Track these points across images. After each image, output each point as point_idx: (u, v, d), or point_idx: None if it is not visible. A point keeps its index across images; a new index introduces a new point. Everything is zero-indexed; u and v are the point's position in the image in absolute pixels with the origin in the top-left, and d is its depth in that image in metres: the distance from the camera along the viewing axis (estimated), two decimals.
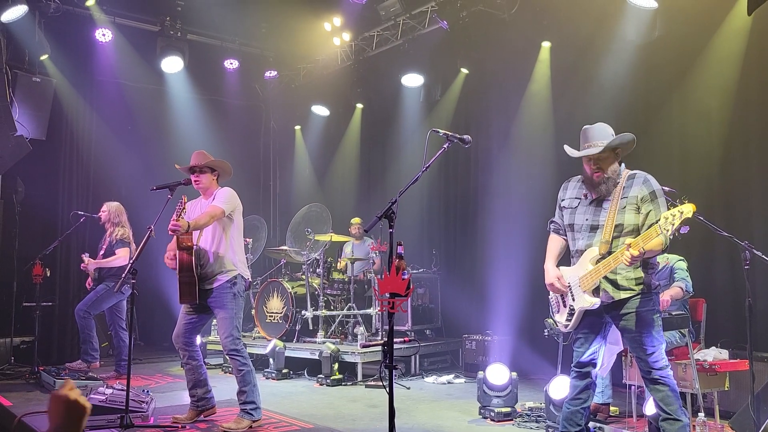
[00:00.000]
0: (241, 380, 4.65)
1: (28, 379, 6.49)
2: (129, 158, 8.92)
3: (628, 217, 3.55)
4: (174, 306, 8.91)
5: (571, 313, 3.73)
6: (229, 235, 4.75)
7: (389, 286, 2.85)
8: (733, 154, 5.75)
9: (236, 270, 4.73)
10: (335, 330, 7.65)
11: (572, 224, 3.76)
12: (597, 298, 3.59)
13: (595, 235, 3.63)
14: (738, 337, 5.09)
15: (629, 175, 3.64)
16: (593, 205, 3.68)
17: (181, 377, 6.92)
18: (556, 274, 3.77)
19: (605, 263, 3.52)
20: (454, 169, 8.64)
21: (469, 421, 4.93)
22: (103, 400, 4.62)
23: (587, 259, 3.63)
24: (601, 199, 3.65)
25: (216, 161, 4.90)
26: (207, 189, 4.87)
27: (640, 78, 6.46)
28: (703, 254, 5.68)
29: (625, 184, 3.61)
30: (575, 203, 3.77)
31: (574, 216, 3.76)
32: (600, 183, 3.60)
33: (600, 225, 3.62)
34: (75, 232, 7.60)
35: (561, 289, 3.74)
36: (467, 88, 8.40)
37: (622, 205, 3.57)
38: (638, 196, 3.54)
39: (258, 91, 10.91)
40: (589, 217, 3.67)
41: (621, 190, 3.59)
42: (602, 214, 3.63)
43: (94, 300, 6.69)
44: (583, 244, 3.68)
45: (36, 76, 7.80)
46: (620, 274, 3.55)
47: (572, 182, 3.89)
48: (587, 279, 3.60)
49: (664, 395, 3.47)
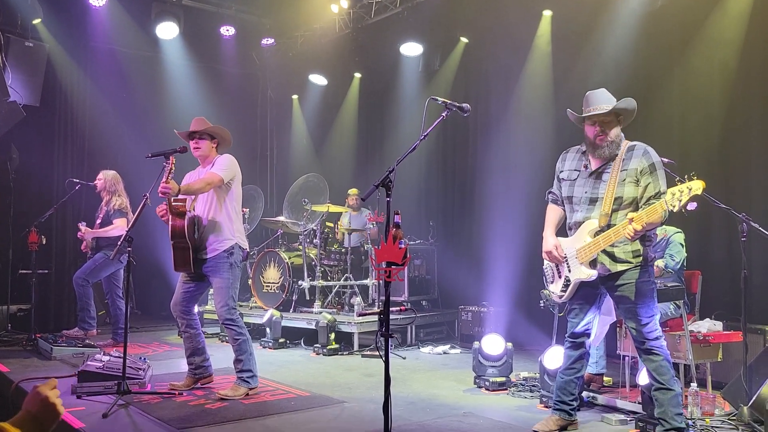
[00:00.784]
0: (237, 349, 4.66)
1: (25, 346, 6.51)
2: (124, 125, 8.85)
3: (627, 189, 3.53)
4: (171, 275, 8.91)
5: (566, 284, 3.74)
6: (227, 204, 4.69)
7: (386, 255, 2.84)
8: (733, 126, 5.71)
9: (233, 240, 4.68)
10: (332, 300, 7.67)
11: (571, 197, 3.75)
12: (594, 270, 3.60)
13: (594, 208, 3.62)
14: (732, 310, 5.12)
15: (629, 146, 3.62)
16: (593, 178, 3.66)
17: (178, 345, 6.97)
18: (554, 243, 3.77)
19: (605, 236, 3.51)
20: (453, 139, 8.59)
21: (464, 390, 4.97)
22: (100, 367, 4.63)
23: (585, 231, 3.62)
24: (600, 171, 3.63)
25: (216, 128, 4.81)
26: (206, 157, 4.79)
27: (641, 48, 6.38)
28: (700, 227, 5.68)
29: (624, 156, 3.58)
30: (574, 175, 3.75)
31: (573, 188, 3.74)
32: (603, 146, 3.58)
33: (599, 197, 3.60)
34: (70, 199, 7.55)
35: (558, 258, 3.73)
36: (467, 58, 8.31)
37: (622, 177, 3.54)
38: (638, 169, 3.52)
39: (255, 59, 10.78)
40: (588, 190, 3.65)
41: (620, 162, 3.57)
42: (601, 186, 3.61)
43: (92, 269, 6.69)
44: (582, 216, 3.67)
45: (28, 41, 7.68)
46: (618, 247, 3.55)
47: (571, 153, 3.86)
48: (585, 251, 3.60)
49: (657, 365, 3.50)
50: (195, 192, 4.59)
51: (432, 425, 3.93)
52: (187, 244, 4.56)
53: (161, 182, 4.30)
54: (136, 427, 3.82)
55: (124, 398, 4.32)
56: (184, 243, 4.56)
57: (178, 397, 4.51)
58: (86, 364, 4.71)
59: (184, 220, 4.53)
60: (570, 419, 3.85)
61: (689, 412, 4.00)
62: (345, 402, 4.51)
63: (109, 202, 6.78)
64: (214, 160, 4.76)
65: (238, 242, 4.71)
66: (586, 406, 4.37)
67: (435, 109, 3.37)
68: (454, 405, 4.49)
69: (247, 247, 4.85)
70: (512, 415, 4.24)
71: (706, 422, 3.92)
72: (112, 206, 6.73)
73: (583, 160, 3.75)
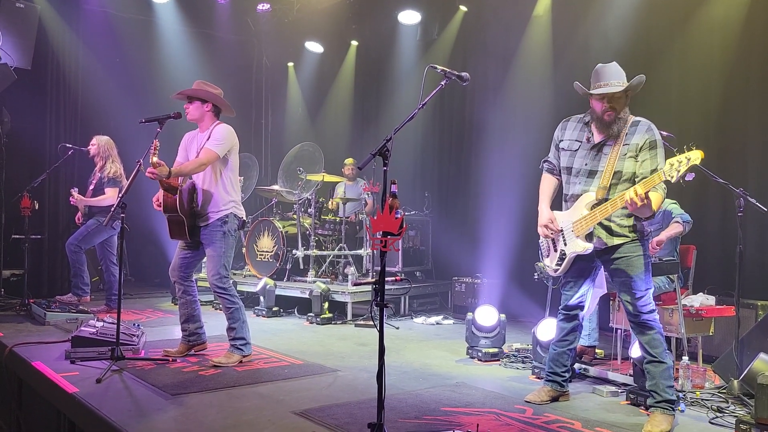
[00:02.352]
0: (230, 317, 4.66)
1: (18, 311, 6.50)
2: (117, 90, 8.72)
3: (627, 164, 3.50)
4: (165, 242, 8.92)
5: (561, 257, 3.72)
6: (222, 174, 4.65)
7: (382, 224, 2.82)
8: (732, 101, 5.68)
9: (228, 209, 4.65)
10: (326, 270, 7.68)
11: (570, 167, 3.70)
12: (590, 243, 3.58)
13: (593, 181, 3.58)
14: (725, 284, 5.15)
15: (633, 121, 3.57)
16: (594, 150, 3.61)
17: (171, 312, 6.98)
18: (549, 217, 3.73)
19: (602, 209, 3.49)
20: (449, 109, 8.52)
21: (456, 361, 5.00)
22: (93, 333, 4.63)
23: (582, 204, 3.59)
24: (602, 144, 3.57)
25: (206, 92, 4.70)
26: (200, 121, 4.72)
27: (641, 19, 6.30)
28: (695, 201, 5.67)
29: (628, 130, 3.54)
30: (575, 146, 3.69)
31: (573, 159, 3.69)
32: (611, 123, 3.52)
33: (599, 171, 3.56)
34: (63, 165, 7.49)
35: (554, 232, 3.71)
36: (466, 27, 8.20)
37: (623, 152, 3.51)
38: (638, 144, 3.49)
39: (250, 25, 10.60)
40: (589, 162, 3.61)
41: (623, 137, 3.53)
42: (602, 159, 3.56)
43: (84, 235, 6.64)
44: (580, 188, 3.63)
45: (19, 2, 7.51)
46: (614, 222, 3.54)
47: (572, 122, 3.79)
48: (581, 224, 3.58)
49: (650, 338, 3.51)
50: (188, 173, 4.57)
51: (425, 394, 3.96)
52: (180, 218, 4.56)
53: (147, 168, 4.29)
54: (129, 392, 3.82)
55: (118, 364, 4.32)
56: (177, 216, 4.56)
57: (172, 363, 4.52)
58: (80, 330, 4.71)
59: (176, 195, 4.53)
60: (562, 390, 3.88)
61: (680, 385, 4.03)
62: (338, 371, 4.53)
63: (103, 169, 6.70)
64: (212, 128, 4.69)
65: (233, 211, 4.68)
66: (577, 378, 4.40)
67: (433, 77, 3.32)
68: (446, 375, 4.52)
69: (243, 216, 4.81)
70: (504, 386, 4.27)
71: (697, 395, 3.96)
72: (105, 173, 6.66)
73: (585, 131, 3.68)
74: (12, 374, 4.73)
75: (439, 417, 3.51)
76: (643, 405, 3.71)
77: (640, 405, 3.76)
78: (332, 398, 3.83)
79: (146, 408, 3.54)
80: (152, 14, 9.31)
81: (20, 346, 4.83)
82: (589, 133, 3.65)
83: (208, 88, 4.76)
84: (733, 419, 3.44)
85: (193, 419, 3.38)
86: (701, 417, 3.63)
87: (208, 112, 4.73)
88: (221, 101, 4.78)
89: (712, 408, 3.74)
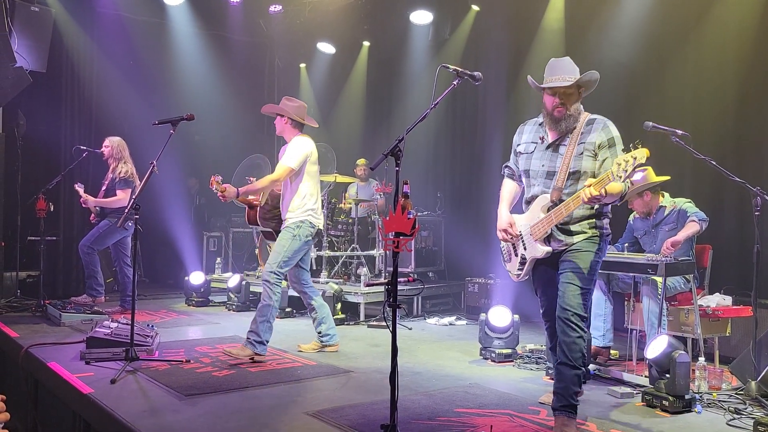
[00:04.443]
0: (258, 310, 4.78)
1: (34, 312, 6.56)
2: (131, 93, 8.79)
3: (585, 163, 3.38)
4: (178, 243, 8.98)
5: (522, 262, 3.62)
6: (297, 184, 4.91)
7: (394, 225, 2.81)
8: (747, 99, 5.61)
9: (304, 216, 4.88)
10: (338, 271, 7.68)
11: (528, 170, 3.58)
12: (548, 246, 3.46)
13: (552, 182, 3.46)
14: (742, 284, 5.09)
15: (588, 119, 3.45)
16: (550, 150, 3.49)
17: (184, 313, 7.02)
18: (509, 220, 3.63)
19: (557, 211, 3.37)
20: (462, 109, 8.49)
21: (470, 362, 4.98)
22: (108, 334, 4.66)
23: (538, 207, 3.48)
24: (557, 143, 3.46)
25: (279, 108, 5.02)
26: (282, 133, 5.07)
27: (656, 18, 6.25)
28: (711, 201, 5.61)
29: (583, 129, 3.42)
30: (531, 148, 3.58)
31: (530, 161, 3.57)
32: (561, 119, 3.40)
33: (556, 171, 3.44)
34: (78, 166, 7.53)
35: (512, 236, 3.60)
36: (478, 27, 8.17)
37: (579, 151, 3.39)
38: (596, 142, 3.36)
39: (262, 26, 10.63)
40: (546, 163, 3.49)
41: (579, 135, 3.41)
42: (558, 159, 3.45)
43: (97, 236, 6.68)
44: (539, 190, 3.51)
45: (34, 6, 7.59)
46: (573, 222, 3.41)
47: (528, 125, 3.68)
48: (538, 228, 3.46)
49: (572, 341, 3.31)
50: (260, 190, 5.00)
51: (438, 395, 3.95)
52: (266, 229, 5.11)
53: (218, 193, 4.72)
54: (144, 393, 3.84)
55: (132, 365, 4.35)
56: (264, 227, 5.13)
57: (186, 364, 4.54)
58: (95, 331, 4.74)
59: (255, 210, 5.06)
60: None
61: (696, 386, 4.00)
62: (351, 371, 4.53)
63: (115, 170, 6.75)
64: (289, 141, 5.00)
65: (309, 219, 4.92)
66: (592, 379, 4.37)
67: (446, 77, 3.30)
68: (459, 376, 4.50)
69: (319, 225, 5.04)
70: (518, 387, 4.24)
71: (713, 396, 3.92)
72: (117, 174, 6.69)
73: (540, 132, 3.57)
74: (28, 375, 4.77)
75: (453, 418, 3.50)
76: (659, 406, 3.68)
77: (655, 406, 3.72)
78: (345, 399, 3.83)
79: (160, 409, 3.55)
80: (165, 16, 9.37)
81: (36, 346, 4.87)
82: (543, 133, 3.55)
83: (287, 102, 5.07)
84: (751, 421, 3.40)
85: (207, 420, 3.39)
86: (718, 419, 3.59)
87: (286, 125, 5.03)
88: (296, 114, 5.02)
89: (730, 409, 3.70)
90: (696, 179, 5.77)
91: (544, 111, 3.50)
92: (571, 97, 3.41)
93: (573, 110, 3.42)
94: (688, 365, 3.73)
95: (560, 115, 3.40)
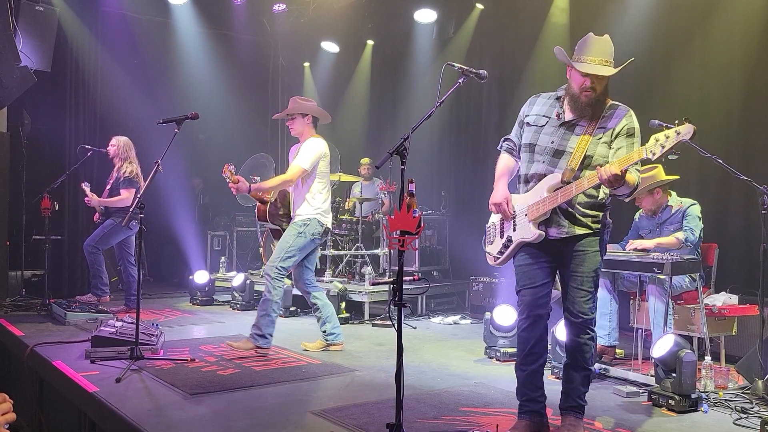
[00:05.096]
0: (259, 305, 4.87)
1: (39, 311, 6.57)
2: (135, 92, 8.80)
3: (600, 149, 3.10)
4: (183, 242, 8.99)
5: (506, 244, 3.33)
6: (307, 183, 4.94)
7: (400, 223, 2.80)
8: (754, 97, 5.57)
9: (312, 215, 4.92)
10: (342, 270, 7.67)
11: (534, 144, 3.26)
12: (540, 230, 3.16)
13: (559, 161, 3.15)
14: (748, 283, 5.06)
15: (611, 104, 3.19)
16: (563, 128, 3.19)
17: (189, 312, 7.02)
18: (505, 195, 3.30)
19: (564, 191, 3.06)
20: (466, 108, 8.47)
21: (474, 361, 4.97)
22: (113, 333, 4.67)
23: (545, 186, 3.15)
24: (574, 123, 3.17)
25: (306, 107, 5.03)
26: (301, 134, 5.06)
27: (662, 17, 6.22)
28: (718, 199, 5.59)
29: (605, 113, 3.16)
30: (542, 121, 3.27)
31: (537, 135, 3.25)
32: (588, 105, 3.12)
33: (566, 151, 3.14)
34: (83, 166, 7.55)
35: (507, 212, 3.28)
36: (482, 25, 8.15)
37: (598, 135, 3.12)
38: (615, 129, 3.11)
39: (266, 25, 10.63)
40: (556, 140, 3.18)
41: (599, 119, 3.14)
42: (572, 139, 3.15)
43: (101, 235, 6.69)
44: (543, 168, 3.19)
45: (39, 5, 7.60)
46: (578, 209, 3.14)
47: (542, 98, 3.40)
48: (538, 207, 3.15)
49: (584, 342, 3.19)
50: (271, 189, 5.01)
51: (443, 394, 3.94)
52: (273, 226, 5.11)
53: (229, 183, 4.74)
54: (149, 391, 3.84)
55: (137, 363, 4.36)
56: (272, 224, 5.15)
57: (191, 363, 4.54)
58: (100, 330, 4.75)
59: (266, 206, 5.06)
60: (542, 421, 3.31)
61: (702, 385, 3.98)
62: (356, 370, 4.52)
63: (120, 169, 6.75)
64: (304, 142, 5.00)
65: (317, 218, 4.95)
66: (598, 378, 4.36)
67: (450, 76, 3.29)
68: (464, 375, 4.50)
69: (328, 224, 5.06)
70: None
71: (720, 395, 3.90)
72: (122, 173, 6.70)
73: (556, 107, 3.26)
74: (33, 373, 4.78)
75: (458, 417, 3.49)
76: (665, 405, 3.67)
77: (661, 405, 3.71)
78: (350, 398, 3.82)
79: (165, 407, 3.55)
80: (169, 15, 9.38)
81: (41, 345, 4.88)
82: (560, 110, 3.25)
83: (303, 102, 5.09)
84: (758, 420, 3.39)
85: (212, 419, 3.39)
86: (725, 418, 3.58)
87: (308, 124, 5.07)
88: (318, 111, 5.10)
89: (736, 409, 3.68)
90: (702, 178, 5.74)
91: (568, 89, 3.21)
92: (603, 81, 3.13)
93: (601, 95, 3.14)
94: (695, 364, 3.71)
95: (588, 100, 3.12)
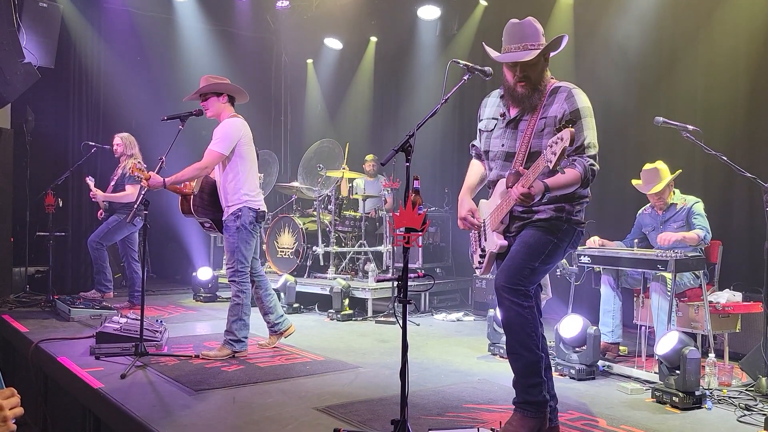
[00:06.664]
0: (229, 310, 4.69)
1: (43, 307, 6.59)
2: (139, 88, 8.80)
3: (546, 142, 2.77)
4: (186, 238, 8.99)
5: (482, 255, 3.23)
6: (231, 168, 4.62)
7: (405, 220, 2.80)
8: (759, 94, 5.55)
9: (240, 202, 4.62)
10: (346, 266, 7.68)
11: (488, 151, 3.15)
12: (504, 241, 3.04)
13: (510, 165, 3.01)
14: (752, 280, 5.05)
15: (552, 88, 2.95)
16: (510, 128, 3.04)
17: (192, 308, 7.04)
18: (469, 207, 3.18)
19: (508, 197, 2.91)
20: (469, 105, 8.44)
21: (478, 357, 4.97)
22: (117, 329, 4.68)
23: (497, 193, 3.06)
24: (518, 119, 3.00)
25: (218, 84, 4.68)
26: (218, 115, 4.72)
27: (666, 14, 6.20)
28: (722, 196, 5.58)
29: (546, 100, 2.93)
30: (491, 125, 3.13)
31: (489, 141, 3.13)
32: (524, 97, 2.94)
33: (516, 152, 2.99)
34: (86, 162, 7.57)
35: (474, 224, 3.17)
36: (486, 21, 8.13)
37: (540, 127, 2.90)
38: (557, 117, 2.86)
39: (269, 22, 10.62)
40: (506, 143, 3.04)
41: (540, 109, 2.92)
42: (519, 138, 2.98)
43: (105, 231, 6.71)
44: (496, 174, 3.08)
45: (42, 1, 7.60)
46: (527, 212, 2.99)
47: (492, 98, 3.22)
48: (495, 216, 3.06)
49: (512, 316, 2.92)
50: (188, 179, 4.63)
51: (446, 391, 3.94)
52: (201, 219, 4.77)
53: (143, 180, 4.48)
54: (153, 388, 3.86)
55: (142, 360, 4.36)
56: (200, 219, 4.78)
57: (195, 359, 4.55)
58: (104, 326, 4.76)
59: (189, 200, 4.70)
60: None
61: (706, 382, 3.98)
62: (359, 367, 4.53)
63: (125, 166, 6.77)
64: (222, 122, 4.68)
65: (246, 204, 4.62)
66: (601, 375, 4.36)
67: (455, 73, 3.28)
68: (468, 372, 4.50)
69: (260, 207, 4.72)
70: None
71: (723, 393, 3.90)
72: (126, 169, 6.72)
73: (501, 106, 3.10)
74: (38, 370, 4.80)
75: (462, 413, 3.50)
76: (669, 403, 3.67)
77: (665, 402, 3.71)
78: (354, 395, 3.83)
79: (170, 403, 3.56)
80: (173, 12, 9.38)
81: (45, 341, 4.89)
82: (503, 108, 3.09)
83: (216, 80, 4.73)
84: (762, 417, 3.38)
85: (216, 415, 3.40)
86: (729, 415, 3.58)
87: (224, 104, 4.73)
88: (233, 88, 4.76)
89: (740, 406, 3.68)
90: (706, 175, 5.73)
91: (504, 84, 3.05)
92: (535, 67, 2.91)
93: (537, 82, 2.92)
94: (698, 361, 3.71)
95: (524, 92, 2.93)
